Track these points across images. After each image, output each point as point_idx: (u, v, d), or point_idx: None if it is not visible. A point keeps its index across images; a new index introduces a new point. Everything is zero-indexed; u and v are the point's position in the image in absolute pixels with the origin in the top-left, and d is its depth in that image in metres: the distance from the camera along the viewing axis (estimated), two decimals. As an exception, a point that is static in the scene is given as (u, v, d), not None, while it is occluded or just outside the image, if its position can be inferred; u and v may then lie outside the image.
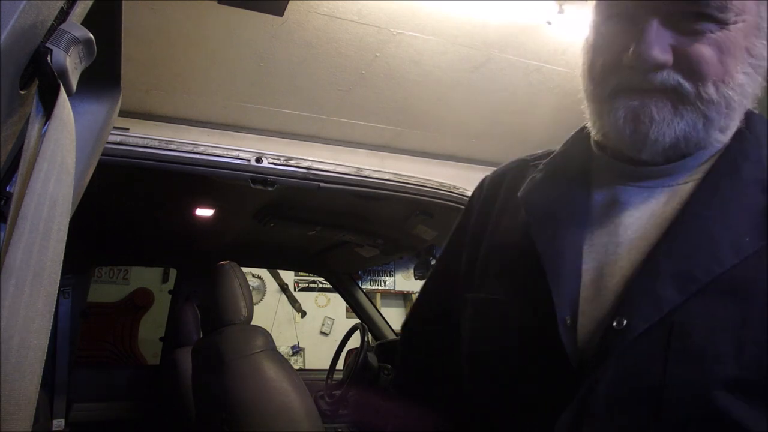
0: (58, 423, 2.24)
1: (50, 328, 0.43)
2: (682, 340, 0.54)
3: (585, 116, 0.69)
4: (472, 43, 3.03)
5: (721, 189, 0.60)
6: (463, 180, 1.88)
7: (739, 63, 0.58)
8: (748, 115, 0.64)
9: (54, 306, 0.43)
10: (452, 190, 1.80)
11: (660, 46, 0.57)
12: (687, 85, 0.58)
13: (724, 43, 0.57)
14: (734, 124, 0.62)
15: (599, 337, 0.57)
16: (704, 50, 0.57)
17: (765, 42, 0.60)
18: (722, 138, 0.62)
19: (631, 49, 0.58)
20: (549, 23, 2.77)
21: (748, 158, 0.61)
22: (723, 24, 0.57)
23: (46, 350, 0.42)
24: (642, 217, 0.63)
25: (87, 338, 3.68)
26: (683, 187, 0.63)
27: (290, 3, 2.65)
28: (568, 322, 0.59)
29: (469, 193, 1.90)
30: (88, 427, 2.45)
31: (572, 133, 0.76)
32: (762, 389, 0.51)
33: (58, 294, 0.46)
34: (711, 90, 0.57)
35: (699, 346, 0.53)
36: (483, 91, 3.42)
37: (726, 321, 0.53)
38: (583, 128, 0.73)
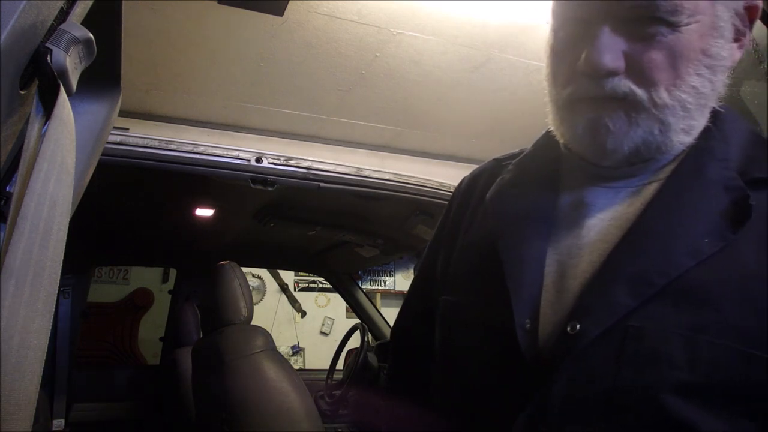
0: (58, 423, 2.24)
1: (50, 328, 0.43)
2: (636, 344, 0.53)
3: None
4: (472, 43, 3.03)
5: (682, 189, 0.59)
6: (463, 180, 1.88)
7: (692, 65, 0.57)
8: (717, 114, 0.63)
9: (54, 306, 0.43)
10: (452, 190, 1.80)
11: (611, 53, 0.56)
12: (639, 92, 0.57)
13: (675, 47, 0.56)
14: (697, 124, 0.61)
15: (554, 342, 0.57)
16: (655, 55, 0.56)
17: (722, 41, 0.59)
18: (686, 139, 0.61)
19: (583, 56, 0.57)
20: (549, 23, 2.77)
21: (714, 157, 0.60)
22: (675, 27, 0.56)
23: (46, 350, 0.42)
24: (605, 218, 0.62)
25: (87, 338, 3.67)
26: (648, 187, 0.62)
27: (290, 3, 2.65)
28: (528, 326, 0.59)
29: (469, 193, 1.89)
30: (88, 427, 2.45)
31: (542, 133, 0.75)
32: (715, 394, 0.51)
33: (58, 294, 0.46)
34: (663, 95, 0.57)
35: (652, 350, 0.53)
36: (483, 91, 3.42)
37: (680, 325, 0.53)
38: (551, 129, 0.73)
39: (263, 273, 5.01)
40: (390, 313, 4.88)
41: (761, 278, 0.53)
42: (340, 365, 2.71)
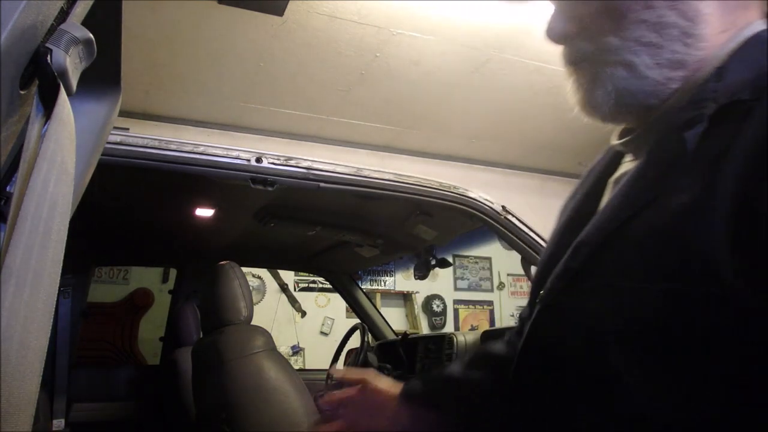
0: (58, 423, 2.24)
1: (50, 328, 0.43)
2: (575, 303, 0.56)
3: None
4: (472, 43, 3.03)
5: (651, 143, 0.56)
6: (463, 180, 1.88)
7: (634, 1, 0.56)
8: (746, 42, 0.55)
9: (54, 306, 0.43)
10: (452, 190, 1.80)
11: (558, 20, 0.60)
12: (586, 48, 0.59)
13: None
14: (683, 53, 0.55)
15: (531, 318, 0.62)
16: (591, 6, 0.58)
17: None
18: (674, 73, 0.56)
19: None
20: None
21: (693, 97, 0.54)
22: None
23: (46, 350, 0.42)
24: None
25: (87, 338, 3.67)
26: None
27: (290, 3, 2.65)
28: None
29: (470, 193, 1.90)
30: (88, 427, 2.45)
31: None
32: (646, 339, 0.49)
33: (58, 294, 0.46)
34: (612, 39, 0.57)
35: (580, 309, 0.55)
36: (483, 91, 3.42)
37: (611, 275, 0.52)
38: None
39: (263, 273, 5.01)
40: (390, 313, 4.88)
41: (680, 214, 0.48)
42: (340, 365, 2.71)
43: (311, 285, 5.29)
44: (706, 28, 0.56)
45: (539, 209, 2.11)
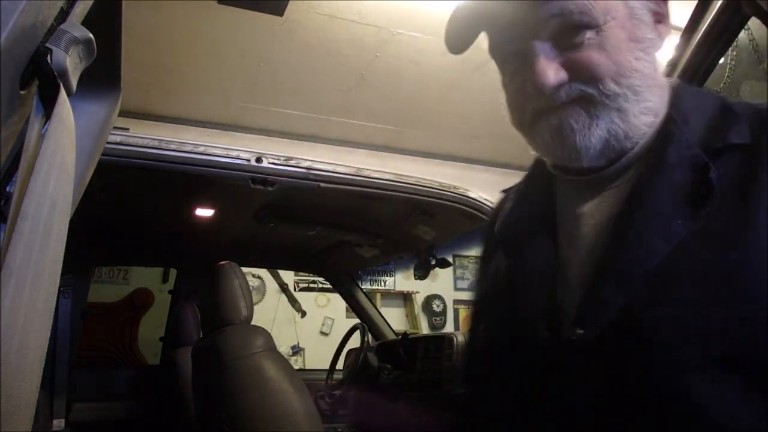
0: (58, 423, 2.24)
1: (50, 328, 0.43)
2: (633, 336, 0.56)
3: None
4: (472, 43, 3.03)
5: (650, 178, 0.61)
6: (463, 180, 1.88)
7: (627, 53, 0.61)
8: (676, 92, 0.67)
9: (54, 306, 0.43)
10: (452, 190, 1.80)
11: (550, 69, 0.61)
12: (589, 89, 0.61)
13: (606, 44, 0.61)
14: (653, 104, 0.64)
15: (565, 351, 0.60)
16: (591, 55, 0.61)
17: (644, 26, 0.63)
18: (647, 119, 0.64)
19: (531, 81, 0.62)
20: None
21: (673, 140, 0.62)
22: (597, 28, 0.61)
23: (46, 350, 0.42)
24: (596, 223, 0.65)
25: (87, 338, 3.67)
26: (625, 185, 0.65)
27: (290, 3, 2.65)
28: (545, 335, 0.63)
29: (470, 193, 1.90)
30: (88, 427, 2.45)
31: (535, 157, 0.79)
32: (723, 365, 0.52)
33: (58, 294, 0.46)
34: (611, 85, 0.60)
35: (648, 340, 0.55)
36: (483, 91, 3.42)
37: (670, 310, 0.54)
38: None
39: (263, 273, 5.01)
40: (390, 313, 4.88)
41: (733, 243, 0.54)
42: (340, 365, 2.71)
43: (311, 285, 5.29)
44: (660, 78, 0.66)
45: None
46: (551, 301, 0.64)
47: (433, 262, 2.43)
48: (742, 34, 1.13)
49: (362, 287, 3.33)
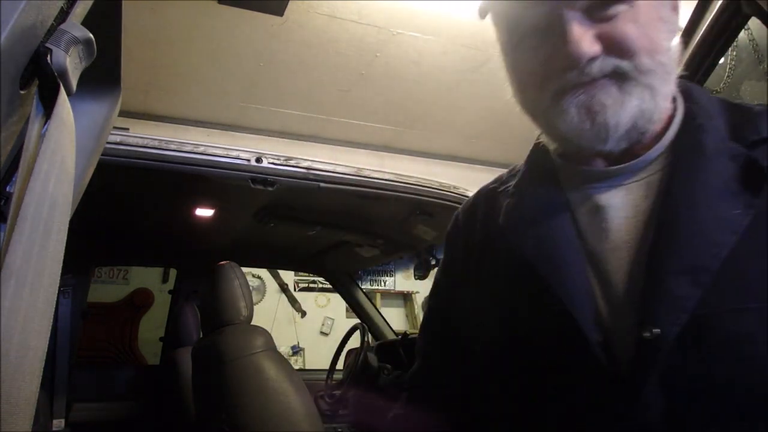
0: (58, 423, 2.24)
1: (50, 328, 0.43)
2: (716, 332, 0.54)
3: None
4: (472, 43, 3.03)
5: (691, 170, 0.60)
6: (463, 180, 1.88)
7: (658, 31, 0.60)
8: (687, 89, 0.66)
9: (54, 306, 0.43)
10: (452, 190, 1.80)
11: (585, 39, 0.58)
12: (624, 64, 0.58)
13: (638, 18, 0.59)
14: (672, 90, 0.63)
15: (634, 351, 0.56)
16: (626, 28, 0.58)
17: (668, 8, 0.62)
18: (668, 106, 0.63)
19: (561, 52, 0.59)
20: (500, 43, 2.78)
21: (705, 131, 0.61)
22: (629, 1, 0.58)
23: (46, 350, 0.42)
24: (628, 216, 0.63)
25: (87, 338, 3.67)
26: (653, 178, 0.63)
27: (290, 3, 2.65)
28: (599, 339, 0.58)
29: (470, 193, 1.90)
30: (88, 427, 2.45)
31: (530, 150, 0.76)
32: None
33: (58, 294, 0.46)
34: (647, 61, 0.58)
35: (733, 334, 0.53)
36: (483, 91, 3.43)
37: (747, 300, 0.53)
38: (538, 143, 0.74)
39: (263, 273, 5.01)
40: (390, 313, 4.87)
41: None
42: (340, 365, 2.71)
43: (311, 285, 5.29)
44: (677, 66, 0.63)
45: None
46: (590, 303, 0.60)
47: (433, 262, 2.43)
48: (742, 34, 1.13)
49: (362, 287, 3.33)
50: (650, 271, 0.58)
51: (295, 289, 5.23)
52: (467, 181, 1.91)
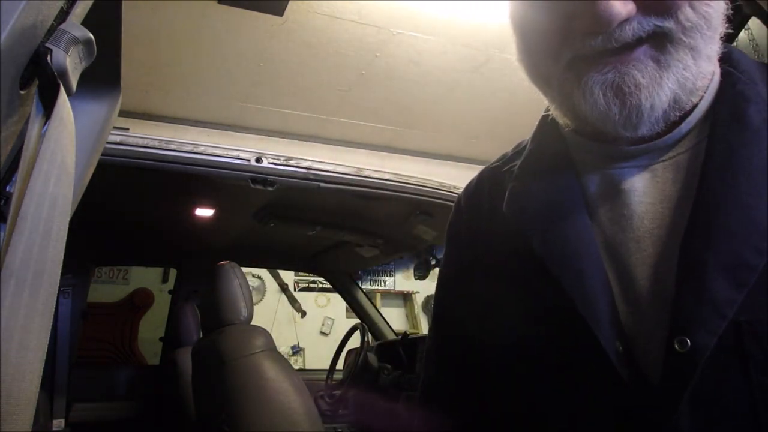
0: (58, 423, 2.24)
1: (50, 328, 0.43)
2: (759, 342, 0.45)
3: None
4: (472, 43, 3.03)
5: (732, 147, 0.49)
6: (463, 180, 1.88)
7: None
8: (729, 53, 0.55)
9: (54, 306, 0.43)
10: (452, 190, 1.80)
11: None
12: (666, 23, 0.47)
13: None
14: (715, 51, 0.51)
15: (662, 362, 0.47)
16: None
17: None
18: (710, 69, 0.51)
19: (584, 13, 0.47)
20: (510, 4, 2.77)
21: (749, 99, 0.51)
22: None
23: (46, 350, 0.42)
24: (654, 202, 0.52)
25: (87, 338, 3.67)
26: (684, 156, 0.53)
27: (290, 3, 2.65)
28: (620, 349, 0.49)
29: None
30: (88, 427, 2.45)
31: (537, 124, 0.66)
32: None
33: (58, 294, 0.46)
34: (689, 13, 0.47)
35: None
36: (483, 91, 3.42)
37: None
38: (546, 116, 0.63)
39: (263, 273, 5.02)
40: (390, 313, 4.87)
41: None
42: (340, 365, 2.71)
43: (311, 285, 5.29)
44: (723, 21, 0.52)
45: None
46: (607, 304, 0.50)
47: (433, 262, 2.44)
48: (742, 34, 1.13)
49: (362, 287, 3.33)
50: (683, 266, 0.48)
51: (295, 289, 5.23)
52: (467, 181, 1.91)
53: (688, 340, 0.45)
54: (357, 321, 2.85)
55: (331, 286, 3.44)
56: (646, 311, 0.50)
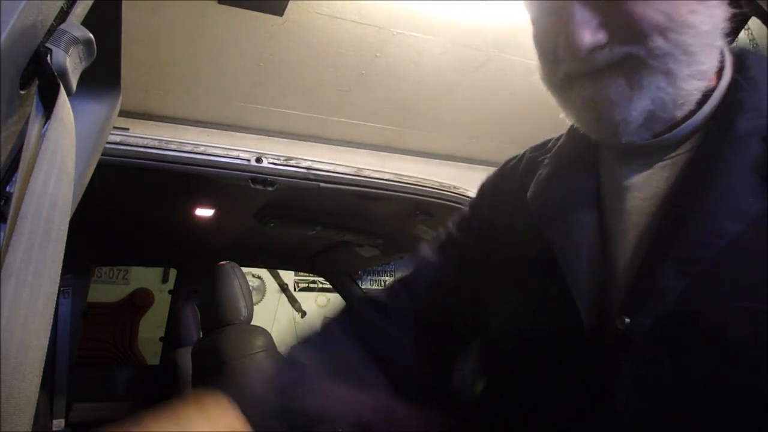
0: (58, 423, 2.24)
1: (50, 328, 0.43)
2: (695, 330, 0.49)
3: None
4: (472, 43, 3.03)
5: (715, 151, 0.54)
6: (463, 180, 1.88)
7: (681, 4, 0.52)
8: (742, 58, 0.59)
9: (54, 306, 0.43)
10: (452, 190, 1.80)
11: (587, 28, 0.53)
12: (635, 50, 0.52)
13: None
14: (707, 67, 0.55)
15: (609, 339, 0.54)
16: (634, 7, 0.52)
17: None
18: (699, 84, 0.55)
19: (564, 40, 0.55)
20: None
21: (743, 109, 0.54)
22: None
23: (46, 350, 0.42)
24: (645, 197, 0.58)
25: (87, 338, 3.68)
26: (682, 158, 0.57)
27: (290, 3, 2.65)
28: (593, 325, 0.56)
29: (470, 193, 1.90)
30: (88, 427, 2.45)
31: None
32: None
33: (58, 294, 0.46)
34: (660, 42, 0.51)
35: (713, 334, 0.49)
36: (483, 91, 3.42)
37: (737, 298, 0.48)
38: None
39: (263, 273, 5.01)
40: (390, 313, 4.86)
41: None
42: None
43: (311, 285, 5.29)
44: (719, 39, 0.56)
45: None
46: (595, 283, 0.57)
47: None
48: (742, 34, 1.13)
49: (362, 287, 3.33)
50: (646, 257, 0.54)
51: (295, 289, 5.23)
52: (467, 181, 1.91)
53: (627, 320, 0.52)
54: (357, 321, 2.85)
55: (331, 286, 3.44)
56: (615, 295, 0.56)
